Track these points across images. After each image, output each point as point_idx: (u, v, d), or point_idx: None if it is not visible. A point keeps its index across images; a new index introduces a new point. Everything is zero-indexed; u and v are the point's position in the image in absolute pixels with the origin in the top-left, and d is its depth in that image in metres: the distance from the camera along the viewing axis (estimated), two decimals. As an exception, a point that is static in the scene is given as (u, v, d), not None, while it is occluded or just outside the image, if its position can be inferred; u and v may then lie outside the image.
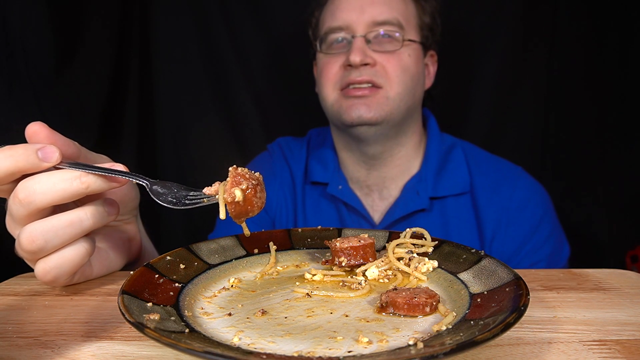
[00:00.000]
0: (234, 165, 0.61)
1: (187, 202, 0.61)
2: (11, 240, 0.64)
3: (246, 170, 0.60)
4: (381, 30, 1.20)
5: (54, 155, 0.60)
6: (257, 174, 0.61)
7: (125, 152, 1.80)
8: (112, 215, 0.67)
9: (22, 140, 0.62)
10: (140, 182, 0.62)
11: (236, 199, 0.58)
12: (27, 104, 1.45)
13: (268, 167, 1.43)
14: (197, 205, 0.61)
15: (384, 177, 1.32)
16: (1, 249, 1.18)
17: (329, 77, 1.24)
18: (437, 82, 1.39)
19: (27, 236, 0.60)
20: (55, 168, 0.61)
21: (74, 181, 0.60)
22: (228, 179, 0.59)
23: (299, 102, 1.84)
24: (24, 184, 0.60)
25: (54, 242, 0.61)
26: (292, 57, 1.82)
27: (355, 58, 1.16)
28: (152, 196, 0.61)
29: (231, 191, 0.58)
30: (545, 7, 1.77)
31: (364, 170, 1.33)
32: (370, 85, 1.19)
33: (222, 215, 0.59)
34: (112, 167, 0.63)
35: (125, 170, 0.63)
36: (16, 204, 0.60)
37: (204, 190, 0.61)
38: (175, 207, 0.61)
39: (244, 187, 0.58)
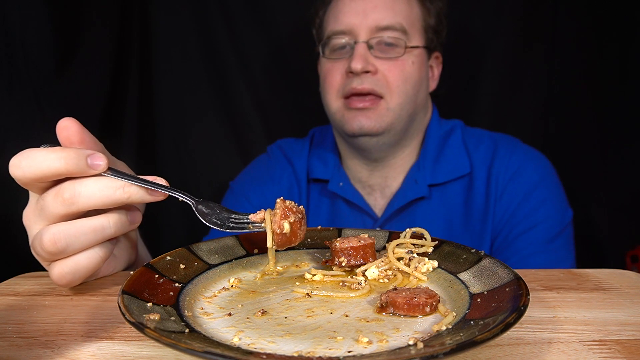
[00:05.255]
0: (281, 197, 0.66)
1: (231, 225, 0.65)
2: (12, 241, 0.64)
3: (293, 203, 0.65)
4: (384, 36, 1.19)
5: (101, 164, 0.62)
6: (301, 207, 0.66)
7: (125, 151, 1.80)
8: (134, 224, 0.69)
9: (23, 139, 0.63)
10: (186, 200, 0.65)
11: (284, 231, 0.62)
12: (27, 104, 1.45)
13: (265, 170, 1.43)
14: (243, 232, 0.65)
15: (386, 177, 1.33)
16: (2, 249, 1.19)
17: (332, 84, 1.24)
18: (442, 82, 1.38)
19: (51, 237, 0.61)
20: None
21: (118, 190, 0.62)
22: (277, 210, 0.64)
23: (299, 101, 1.84)
24: (71, 184, 0.61)
25: (75, 246, 0.63)
26: (293, 57, 1.82)
27: (357, 65, 1.16)
28: (197, 215, 0.65)
29: (280, 223, 0.63)
30: (545, 7, 1.77)
31: (365, 172, 1.33)
32: (371, 95, 1.18)
33: (270, 244, 0.64)
34: (155, 181, 0.64)
35: (166, 184, 0.65)
36: (57, 202, 0.61)
37: (249, 217, 0.66)
38: (220, 229, 0.64)
39: (292, 220, 0.63)
